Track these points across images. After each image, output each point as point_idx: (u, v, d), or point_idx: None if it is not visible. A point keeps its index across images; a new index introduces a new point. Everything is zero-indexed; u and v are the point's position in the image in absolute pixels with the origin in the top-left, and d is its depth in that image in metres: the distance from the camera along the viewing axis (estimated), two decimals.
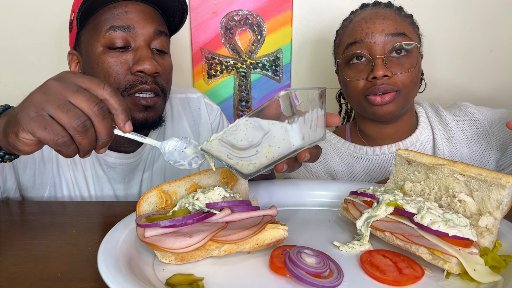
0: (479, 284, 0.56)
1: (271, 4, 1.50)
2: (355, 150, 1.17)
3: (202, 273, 0.60)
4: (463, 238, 0.59)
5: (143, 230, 0.62)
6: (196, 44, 1.55)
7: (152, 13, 0.98)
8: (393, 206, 0.68)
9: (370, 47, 1.01)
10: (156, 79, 0.96)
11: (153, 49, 0.98)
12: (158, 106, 0.99)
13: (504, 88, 1.59)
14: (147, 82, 0.94)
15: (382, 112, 1.03)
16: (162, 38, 0.99)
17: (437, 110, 1.17)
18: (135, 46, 0.95)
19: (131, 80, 0.94)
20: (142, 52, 0.94)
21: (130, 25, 0.93)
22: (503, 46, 1.53)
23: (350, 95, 1.09)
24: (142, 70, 0.92)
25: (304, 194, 0.88)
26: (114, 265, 0.57)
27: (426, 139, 1.13)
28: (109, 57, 0.93)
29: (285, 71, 1.58)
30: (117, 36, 0.93)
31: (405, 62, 1.02)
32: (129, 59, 0.94)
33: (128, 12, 0.94)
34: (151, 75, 0.94)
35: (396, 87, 1.01)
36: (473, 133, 1.12)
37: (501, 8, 1.49)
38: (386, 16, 1.03)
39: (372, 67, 1.00)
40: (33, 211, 0.92)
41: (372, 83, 1.01)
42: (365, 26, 1.03)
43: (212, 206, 0.66)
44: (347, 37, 1.07)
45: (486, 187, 0.64)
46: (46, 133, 0.56)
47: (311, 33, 1.55)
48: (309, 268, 0.57)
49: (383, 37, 1.00)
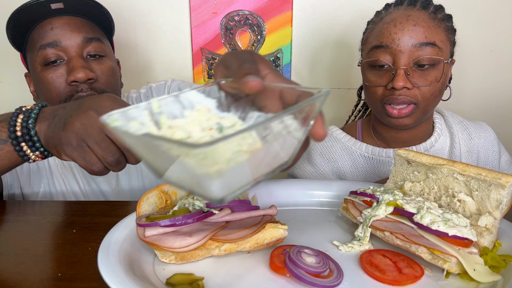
0: (479, 284, 0.56)
1: (271, 4, 1.50)
2: (367, 150, 1.12)
3: (202, 272, 0.61)
4: (463, 238, 0.59)
5: (143, 230, 0.62)
6: (196, 44, 1.55)
7: (78, 23, 1.02)
8: (392, 206, 0.68)
9: (395, 54, 0.97)
10: (93, 85, 1.00)
11: (87, 56, 1.02)
12: None
13: (504, 88, 1.59)
14: (83, 90, 0.98)
15: (397, 123, 1.01)
16: (94, 44, 1.03)
17: (462, 121, 1.15)
18: (68, 58, 1.00)
19: (69, 91, 0.99)
20: (73, 62, 0.99)
21: (56, 40, 0.99)
22: (503, 46, 1.53)
23: (368, 98, 1.07)
24: (75, 79, 0.97)
25: (304, 194, 0.88)
26: (114, 265, 0.57)
27: (442, 146, 1.11)
28: (47, 74, 0.99)
29: (285, 71, 1.58)
30: (48, 53, 0.99)
31: (428, 74, 0.97)
32: (64, 71, 0.99)
33: (53, 28, 0.99)
34: (85, 83, 0.98)
35: (415, 99, 0.97)
36: (490, 154, 1.13)
37: (500, 8, 1.49)
38: (418, 22, 0.96)
39: (393, 76, 0.96)
40: (33, 211, 0.92)
41: (391, 92, 0.98)
42: (393, 30, 0.97)
43: (212, 205, 0.66)
44: (373, 38, 1.02)
45: (485, 187, 0.64)
46: (84, 162, 0.63)
47: (311, 33, 1.55)
48: (309, 268, 0.57)
49: (410, 46, 0.95)
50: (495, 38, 1.52)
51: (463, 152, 1.11)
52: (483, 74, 1.56)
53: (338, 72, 1.60)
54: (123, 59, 1.56)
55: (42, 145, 0.68)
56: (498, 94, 1.59)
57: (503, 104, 1.60)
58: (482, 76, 1.57)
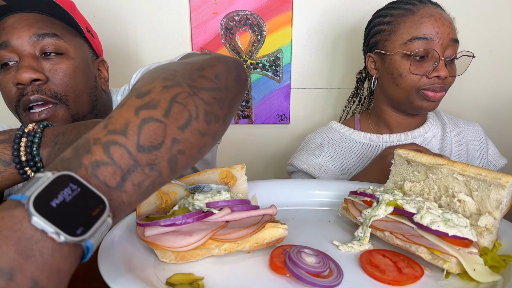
0: (479, 284, 0.56)
1: (271, 4, 1.50)
2: (365, 137, 1.22)
3: (202, 272, 0.61)
4: (463, 238, 0.59)
5: (143, 229, 0.62)
6: (197, 44, 1.55)
7: (31, 19, 0.91)
8: (392, 206, 0.68)
9: (437, 47, 1.06)
10: (41, 87, 0.90)
11: (42, 55, 0.92)
12: (62, 114, 0.93)
13: (504, 89, 1.59)
14: (28, 93, 0.89)
15: (430, 107, 1.11)
16: (48, 40, 0.91)
17: (452, 117, 1.27)
18: (19, 58, 0.90)
19: (17, 95, 0.90)
20: (20, 62, 0.89)
21: (6, 40, 0.90)
22: (503, 46, 1.53)
23: (401, 85, 1.11)
24: (18, 81, 0.88)
25: (304, 193, 0.88)
26: (114, 265, 0.57)
27: (433, 134, 1.20)
28: (3, 77, 0.91)
29: (285, 71, 1.58)
30: (1, 55, 0.90)
31: (455, 67, 1.12)
32: (14, 73, 0.90)
33: (4, 29, 0.91)
34: (31, 84, 0.89)
35: (447, 87, 1.10)
36: (477, 146, 1.22)
37: (500, 8, 1.49)
38: (450, 20, 1.08)
39: (435, 66, 1.06)
40: None
41: (432, 80, 1.07)
42: (435, 24, 1.05)
43: (212, 205, 0.66)
44: (413, 29, 1.07)
45: (485, 187, 0.64)
46: None
47: (311, 33, 1.56)
48: (309, 268, 0.57)
49: (448, 41, 1.06)
50: (495, 38, 1.52)
51: (454, 142, 1.20)
52: (483, 74, 1.56)
53: (338, 72, 1.60)
54: (123, 59, 1.57)
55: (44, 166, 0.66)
56: (498, 94, 1.59)
57: (503, 104, 1.60)
58: (482, 76, 1.57)
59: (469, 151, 1.21)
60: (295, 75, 1.60)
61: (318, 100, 1.63)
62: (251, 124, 1.65)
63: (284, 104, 1.63)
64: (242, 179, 0.79)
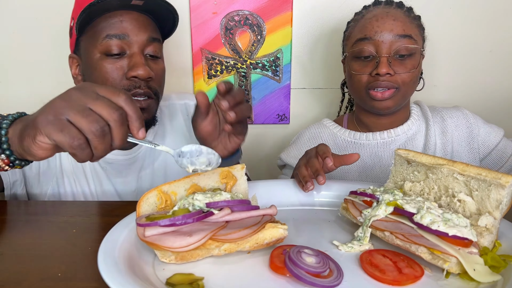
0: (479, 284, 0.56)
1: (271, 4, 1.50)
2: (349, 135, 1.25)
3: (202, 272, 0.61)
4: (463, 237, 0.59)
5: (143, 230, 0.62)
6: (196, 44, 1.55)
7: (146, 21, 1.03)
8: (392, 206, 0.68)
9: (378, 45, 1.08)
10: (149, 84, 1.01)
11: (146, 55, 1.03)
12: (151, 108, 1.04)
13: (504, 88, 1.59)
14: (140, 87, 0.99)
15: (381, 106, 1.12)
16: (155, 44, 1.04)
17: (435, 108, 1.26)
18: (130, 52, 1.00)
19: (126, 85, 0.99)
20: (136, 58, 0.99)
21: (125, 33, 0.99)
22: (503, 46, 1.53)
23: (353, 86, 1.17)
24: (136, 75, 0.98)
25: (304, 193, 0.89)
26: (114, 265, 0.57)
27: (417, 129, 1.21)
28: (106, 63, 0.98)
29: (285, 71, 1.58)
30: (113, 43, 0.98)
31: (407, 63, 1.09)
32: (124, 65, 0.99)
33: (123, 21, 0.99)
34: (144, 80, 1.00)
35: (396, 84, 1.09)
36: (464, 131, 1.20)
37: (501, 8, 1.49)
38: (396, 17, 1.09)
39: (377, 64, 1.08)
40: (33, 211, 0.93)
41: (375, 78, 1.09)
42: (375, 24, 1.09)
43: (212, 205, 0.66)
44: (357, 32, 1.14)
45: (485, 187, 0.64)
46: (62, 136, 0.56)
47: (311, 33, 1.56)
48: (309, 268, 0.57)
49: (391, 37, 1.07)
50: (495, 38, 1.52)
51: (438, 134, 1.20)
52: (483, 74, 1.56)
53: (337, 72, 1.60)
54: None
55: (9, 148, 0.65)
56: (498, 94, 1.59)
57: (503, 104, 1.60)
58: (482, 76, 1.57)
59: (454, 140, 1.19)
60: (295, 75, 1.60)
61: (318, 100, 1.64)
62: (251, 124, 1.65)
63: (284, 104, 1.63)
64: (242, 179, 0.79)
